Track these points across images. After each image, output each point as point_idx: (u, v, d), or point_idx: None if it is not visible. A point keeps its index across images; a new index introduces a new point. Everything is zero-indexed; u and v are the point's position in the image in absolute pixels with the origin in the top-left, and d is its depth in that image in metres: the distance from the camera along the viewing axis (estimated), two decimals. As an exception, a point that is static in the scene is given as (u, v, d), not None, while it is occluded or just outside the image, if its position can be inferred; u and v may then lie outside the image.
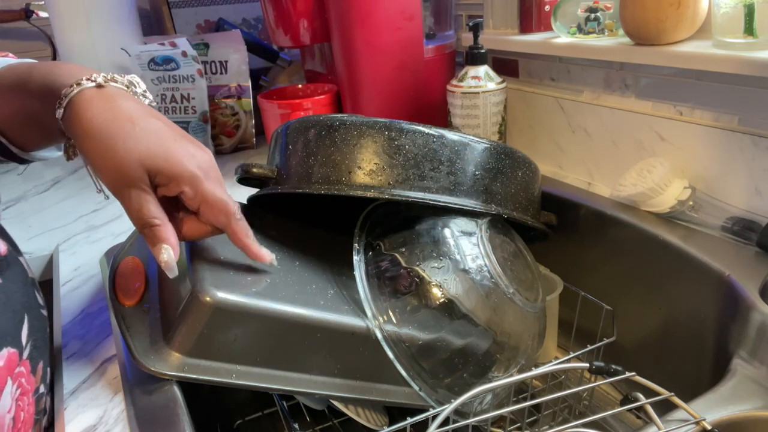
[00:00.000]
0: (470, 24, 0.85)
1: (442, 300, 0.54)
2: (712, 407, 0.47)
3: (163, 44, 1.04)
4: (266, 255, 0.49)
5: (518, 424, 0.68)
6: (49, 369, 0.50)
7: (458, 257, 0.55)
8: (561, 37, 0.82)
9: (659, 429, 0.45)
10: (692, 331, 0.65)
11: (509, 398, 0.63)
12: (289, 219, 0.66)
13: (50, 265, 0.78)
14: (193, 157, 0.45)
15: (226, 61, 1.12)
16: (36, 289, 0.51)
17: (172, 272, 0.44)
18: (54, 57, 1.29)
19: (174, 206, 0.47)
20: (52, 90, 0.45)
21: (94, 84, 0.44)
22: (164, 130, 0.45)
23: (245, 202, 0.65)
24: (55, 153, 0.56)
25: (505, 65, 0.95)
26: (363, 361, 0.52)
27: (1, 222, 0.53)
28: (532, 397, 0.60)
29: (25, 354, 0.46)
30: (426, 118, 0.96)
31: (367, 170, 0.57)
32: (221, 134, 1.14)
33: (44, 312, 0.52)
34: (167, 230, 0.44)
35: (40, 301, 0.51)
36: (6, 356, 0.43)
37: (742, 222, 0.64)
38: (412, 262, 0.55)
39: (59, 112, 0.44)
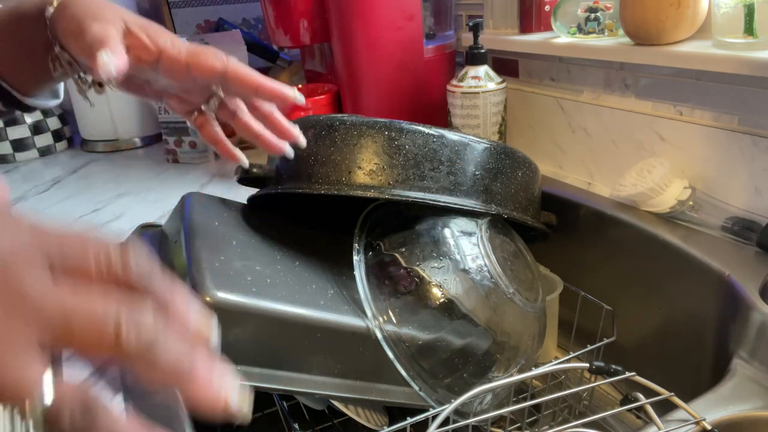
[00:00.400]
0: (470, 24, 0.85)
1: (442, 300, 0.54)
2: (712, 407, 0.47)
3: (163, 44, 1.04)
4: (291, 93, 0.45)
5: (518, 424, 0.68)
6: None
7: (458, 257, 0.55)
8: (561, 37, 0.82)
9: (659, 429, 0.45)
10: (692, 331, 0.65)
11: (509, 398, 0.63)
12: (289, 219, 0.66)
13: (50, 265, 0.78)
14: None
15: (226, 61, 1.12)
16: None
17: (106, 72, 0.38)
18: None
19: None
20: (45, 1, 0.46)
21: None
22: None
23: (245, 202, 0.65)
24: (51, 101, 0.56)
25: (505, 65, 0.95)
26: (363, 361, 0.52)
27: None
28: (532, 397, 0.60)
29: None
30: (426, 118, 0.96)
31: (367, 170, 0.57)
32: (221, 134, 1.14)
33: None
34: (117, 45, 0.40)
35: None
36: None
37: (742, 222, 0.64)
38: (412, 262, 0.55)
39: (49, 10, 0.44)
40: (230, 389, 0.23)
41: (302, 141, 0.50)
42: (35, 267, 0.22)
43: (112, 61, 0.38)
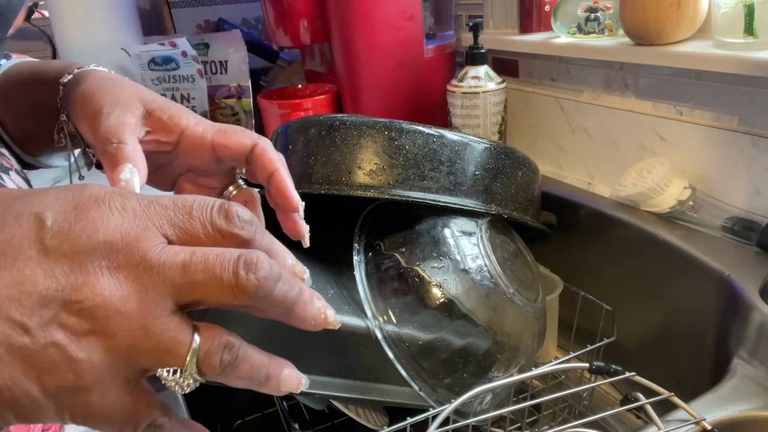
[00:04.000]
0: (470, 24, 0.85)
1: (442, 300, 0.54)
2: (712, 407, 0.47)
3: (163, 44, 1.04)
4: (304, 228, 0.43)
5: (518, 424, 0.68)
6: None
7: (458, 257, 0.55)
8: (561, 37, 0.82)
9: (659, 429, 0.45)
10: (692, 331, 0.65)
11: (509, 398, 0.63)
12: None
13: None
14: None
15: (226, 61, 1.12)
16: None
17: (129, 187, 0.34)
18: (54, 57, 1.29)
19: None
20: (66, 70, 0.44)
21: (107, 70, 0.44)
22: None
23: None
24: (56, 161, 0.55)
25: (505, 65, 0.95)
26: (363, 361, 0.52)
27: None
28: (532, 397, 0.60)
29: None
30: (426, 118, 0.96)
31: (367, 170, 0.57)
32: (221, 134, 1.14)
33: None
34: (136, 152, 0.35)
35: None
36: None
37: (742, 222, 0.64)
38: (412, 262, 0.55)
39: (66, 77, 0.42)
40: (327, 308, 0.29)
41: (305, 242, 0.46)
42: (152, 240, 0.24)
43: (135, 179, 0.35)
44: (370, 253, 0.57)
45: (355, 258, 0.56)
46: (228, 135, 0.39)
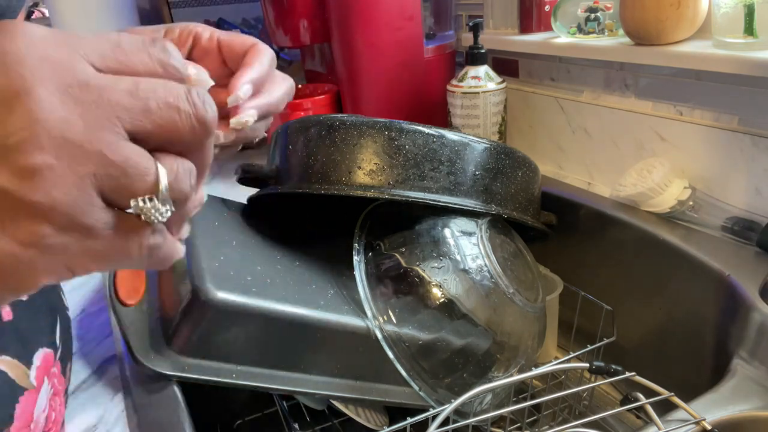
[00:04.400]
0: (470, 24, 0.85)
1: (442, 300, 0.54)
2: (712, 407, 0.47)
3: (163, 44, 1.04)
4: None
5: (518, 424, 0.68)
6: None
7: (458, 257, 0.55)
8: (561, 37, 0.82)
9: (659, 429, 0.45)
10: (692, 331, 0.65)
11: (509, 398, 0.63)
12: (289, 219, 0.66)
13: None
14: None
15: (226, 61, 1.12)
16: (61, 290, 0.51)
17: (208, 84, 0.31)
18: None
19: None
20: None
21: None
22: None
23: (245, 202, 0.65)
24: None
25: (505, 65, 0.95)
26: (363, 361, 0.52)
27: None
28: (532, 397, 0.60)
29: (58, 354, 0.45)
30: (426, 118, 0.96)
31: (367, 170, 0.57)
32: (221, 134, 1.14)
33: (69, 313, 0.51)
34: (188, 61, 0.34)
35: (65, 302, 0.51)
36: (43, 356, 0.43)
37: (742, 222, 0.64)
38: (412, 262, 0.55)
39: None
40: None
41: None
42: (80, 64, 0.21)
43: (203, 73, 0.32)
44: (370, 253, 0.57)
45: (355, 258, 0.56)
46: (233, 36, 0.39)
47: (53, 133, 0.19)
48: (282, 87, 0.38)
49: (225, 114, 0.36)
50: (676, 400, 0.48)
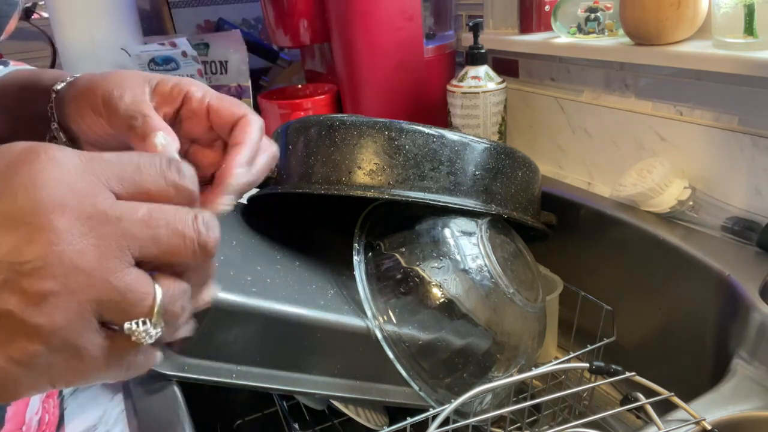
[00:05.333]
0: (470, 24, 0.85)
1: (442, 300, 0.54)
2: (712, 407, 0.47)
3: (163, 44, 1.04)
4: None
5: (518, 424, 0.68)
6: None
7: (458, 257, 0.55)
8: (561, 37, 0.82)
9: (659, 429, 0.45)
10: (692, 331, 0.65)
11: (509, 398, 0.63)
12: (290, 219, 0.66)
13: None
14: None
15: (226, 61, 1.12)
16: None
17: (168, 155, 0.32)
18: (54, 57, 1.29)
19: None
20: (60, 78, 0.43)
21: None
22: None
23: (245, 202, 0.65)
24: None
25: (505, 65, 0.95)
26: (363, 361, 0.52)
27: None
28: (532, 397, 0.60)
29: None
30: (426, 118, 0.96)
31: (367, 170, 0.57)
32: (221, 134, 1.14)
33: None
34: (162, 122, 0.35)
35: None
36: None
37: (742, 222, 0.64)
38: (412, 262, 0.55)
39: (59, 84, 0.41)
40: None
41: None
42: (100, 193, 0.22)
43: (170, 143, 0.34)
44: (370, 253, 0.57)
45: (355, 258, 0.56)
46: (223, 101, 0.38)
47: (66, 263, 0.21)
48: (267, 155, 0.38)
49: (210, 178, 0.37)
50: (676, 400, 0.48)
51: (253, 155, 0.36)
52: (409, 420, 0.50)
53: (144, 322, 0.23)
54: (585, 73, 0.82)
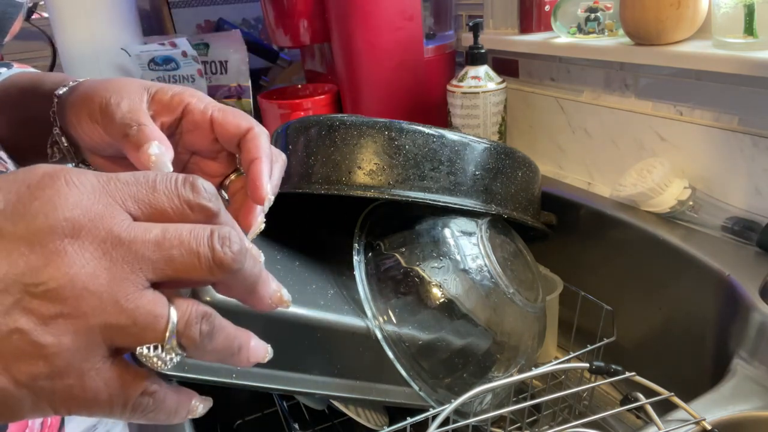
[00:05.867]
0: (470, 24, 0.85)
1: (442, 300, 0.54)
2: (712, 407, 0.47)
3: (163, 44, 1.04)
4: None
5: (518, 424, 0.68)
6: None
7: (458, 257, 0.55)
8: (561, 37, 0.82)
9: (659, 429, 0.45)
10: (692, 331, 0.65)
11: (509, 398, 0.63)
12: (290, 219, 0.66)
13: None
14: None
15: (226, 61, 1.12)
16: None
17: (166, 168, 0.34)
18: (54, 57, 1.29)
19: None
20: (62, 82, 0.43)
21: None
22: None
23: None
24: None
25: (505, 65, 0.95)
26: (363, 361, 0.52)
27: None
28: (532, 397, 0.60)
29: None
30: (426, 118, 0.96)
31: (367, 170, 0.57)
32: (221, 134, 1.14)
33: None
34: (157, 131, 0.35)
35: None
36: None
37: (742, 222, 0.64)
38: (412, 262, 0.55)
39: (61, 89, 0.41)
40: (282, 288, 0.29)
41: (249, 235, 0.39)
42: (116, 216, 0.23)
43: (164, 154, 0.33)
44: (370, 253, 0.57)
45: (355, 258, 0.56)
46: (227, 114, 0.38)
47: (78, 286, 0.21)
48: (279, 166, 0.38)
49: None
50: (676, 400, 0.48)
51: (270, 168, 0.36)
52: (409, 420, 0.50)
53: (155, 347, 0.22)
54: (585, 73, 0.82)
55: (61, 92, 0.41)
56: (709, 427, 0.45)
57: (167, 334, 0.22)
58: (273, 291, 0.28)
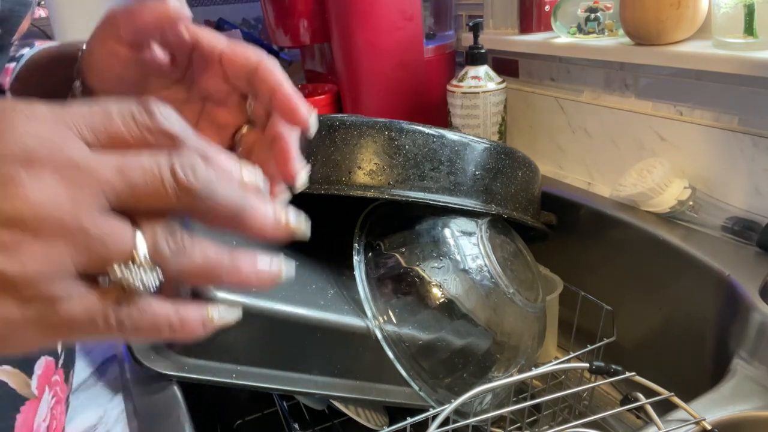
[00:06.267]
0: (470, 24, 0.85)
1: (442, 300, 0.54)
2: (712, 407, 0.47)
3: (163, 44, 1.03)
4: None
5: (518, 424, 0.68)
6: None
7: (458, 257, 0.55)
8: (561, 37, 0.82)
9: (659, 429, 0.45)
10: (692, 331, 0.65)
11: (509, 398, 0.63)
12: (289, 219, 0.66)
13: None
14: None
15: (226, 61, 1.12)
16: None
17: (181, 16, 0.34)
18: (54, 57, 1.29)
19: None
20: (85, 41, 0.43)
21: None
22: None
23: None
24: None
25: (505, 65, 0.95)
26: (363, 361, 0.52)
27: None
28: (532, 397, 0.60)
29: (60, 362, 0.45)
30: (426, 118, 0.96)
31: (367, 170, 0.57)
32: (221, 134, 1.14)
33: None
34: None
35: None
36: (44, 364, 0.42)
37: (742, 222, 0.64)
38: (412, 262, 0.55)
39: (85, 45, 0.41)
40: (286, 212, 0.26)
41: (299, 180, 0.35)
42: (71, 143, 0.22)
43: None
44: (370, 253, 0.57)
45: (355, 258, 0.56)
46: (236, 47, 0.36)
47: (39, 213, 0.20)
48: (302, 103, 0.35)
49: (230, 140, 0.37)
50: (676, 400, 0.48)
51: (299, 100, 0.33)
52: (409, 420, 0.50)
53: (127, 267, 0.22)
54: (585, 73, 0.82)
55: (84, 46, 0.41)
56: (709, 427, 0.45)
57: (137, 252, 0.22)
58: (266, 214, 0.26)
